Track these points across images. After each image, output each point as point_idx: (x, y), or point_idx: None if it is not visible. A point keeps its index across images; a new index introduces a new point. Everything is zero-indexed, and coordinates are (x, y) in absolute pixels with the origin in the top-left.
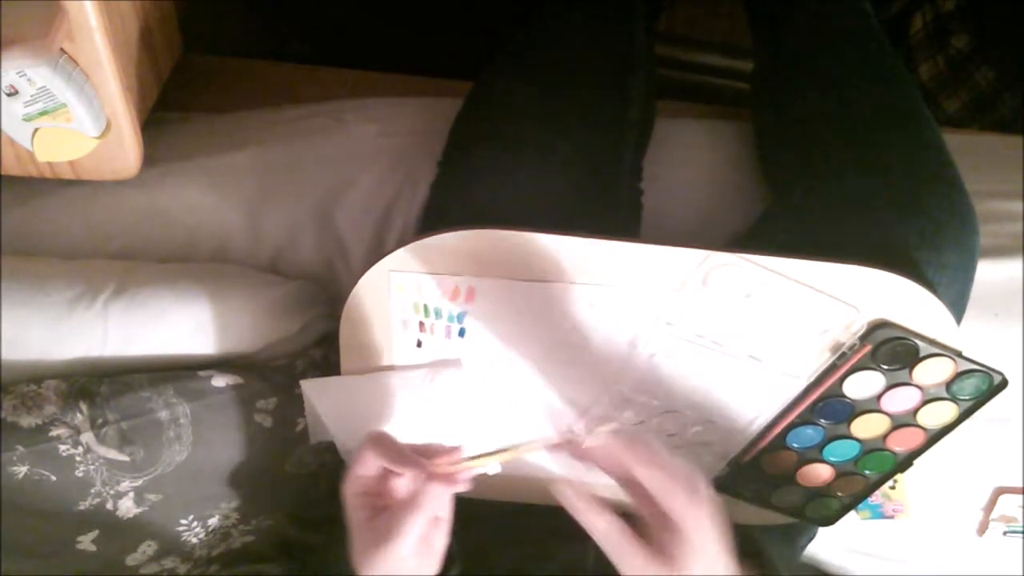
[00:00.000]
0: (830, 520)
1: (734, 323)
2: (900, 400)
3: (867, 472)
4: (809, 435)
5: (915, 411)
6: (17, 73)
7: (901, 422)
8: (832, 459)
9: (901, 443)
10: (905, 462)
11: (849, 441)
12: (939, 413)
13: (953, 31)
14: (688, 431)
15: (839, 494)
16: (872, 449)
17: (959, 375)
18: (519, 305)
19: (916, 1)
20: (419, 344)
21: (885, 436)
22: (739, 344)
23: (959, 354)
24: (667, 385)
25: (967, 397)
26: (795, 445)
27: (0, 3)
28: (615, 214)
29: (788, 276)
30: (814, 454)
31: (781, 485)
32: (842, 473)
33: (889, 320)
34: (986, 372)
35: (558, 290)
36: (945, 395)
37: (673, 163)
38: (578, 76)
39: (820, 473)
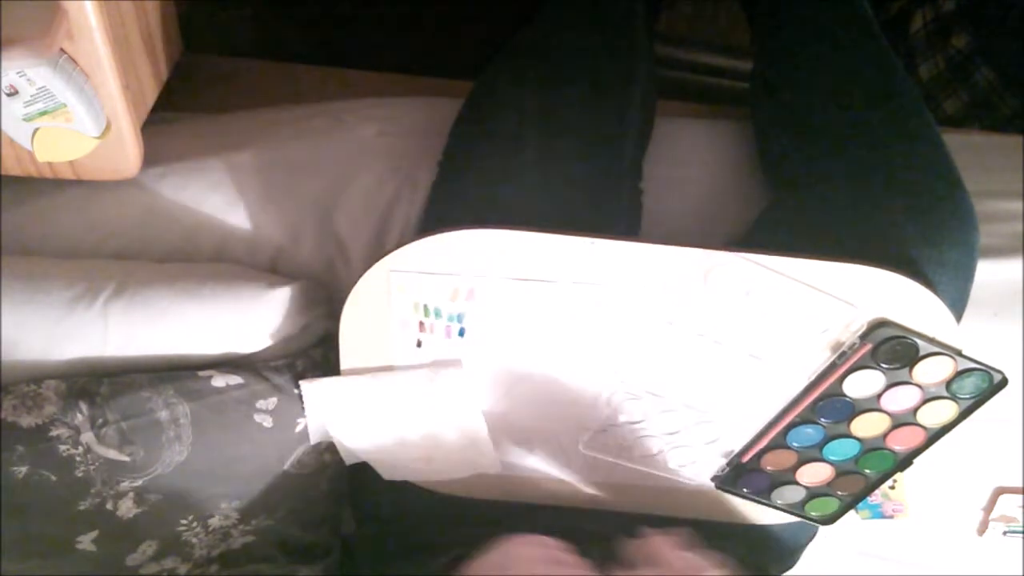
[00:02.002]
0: (830, 519)
1: (734, 322)
2: (900, 399)
3: (867, 471)
4: (809, 434)
5: (915, 410)
6: (17, 73)
7: (901, 421)
8: (832, 458)
9: (901, 442)
10: (905, 461)
11: (849, 440)
12: (939, 412)
13: (953, 31)
14: (688, 430)
15: (839, 493)
16: (872, 448)
17: (959, 374)
18: (519, 305)
19: (916, 1)
20: (419, 344)
21: (885, 435)
22: (739, 343)
23: (959, 353)
24: (667, 384)
25: (967, 396)
26: (795, 444)
27: (0, 3)
28: (615, 214)
29: (788, 275)
30: (814, 453)
31: (781, 484)
32: (842, 472)
33: (889, 319)
34: (986, 370)
35: (558, 290)
36: (945, 394)
37: (673, 163)
38: (578, 76)
39: (820, 472)
